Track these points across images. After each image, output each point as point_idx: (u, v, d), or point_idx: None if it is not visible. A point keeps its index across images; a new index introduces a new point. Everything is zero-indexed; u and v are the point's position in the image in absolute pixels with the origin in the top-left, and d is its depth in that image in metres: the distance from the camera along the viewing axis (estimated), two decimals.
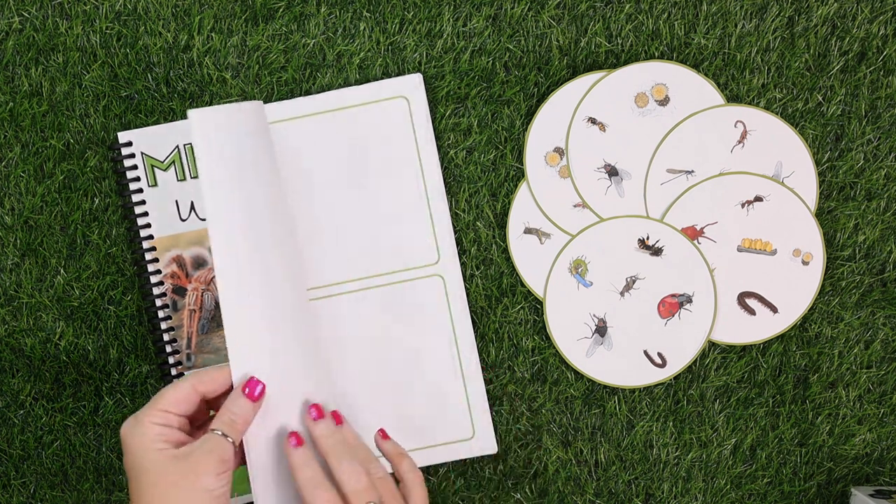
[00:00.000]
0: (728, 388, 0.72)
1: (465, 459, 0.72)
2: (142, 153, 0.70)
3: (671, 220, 0.71)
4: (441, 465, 0.72)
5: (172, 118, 0.71)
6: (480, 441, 0.71)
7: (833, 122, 0.71)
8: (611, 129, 0.71)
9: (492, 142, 0.71)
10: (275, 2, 0.70)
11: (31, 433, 0.71)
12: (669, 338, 0.71)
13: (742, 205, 0.71)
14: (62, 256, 0.71)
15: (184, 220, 0.70)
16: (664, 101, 0.71)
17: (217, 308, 0.70)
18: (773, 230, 0.71)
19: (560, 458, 0.72)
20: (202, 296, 0.70)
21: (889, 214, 0.71)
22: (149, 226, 0.70)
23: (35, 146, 0.71)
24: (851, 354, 0.71)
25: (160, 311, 0.70)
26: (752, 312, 0.71)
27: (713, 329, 0.71)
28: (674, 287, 0.71)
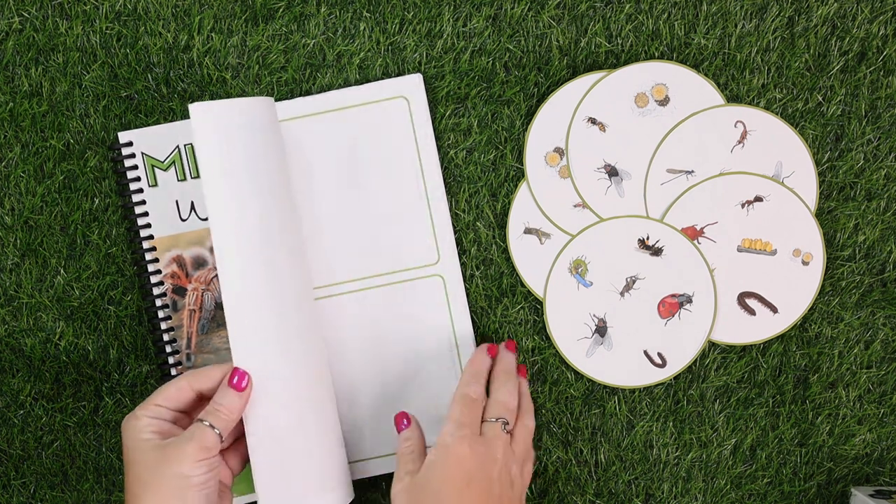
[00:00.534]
0: (728, 388, 0.72)
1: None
2: (142, 153, 0.70)
3: (671, 220, 0.71)
4: None
5: (172, 118, 0.71)
6: None
7: (833, 122, 0.71)
8: (611, 129, 0.71)
9: (492, 142, 0.71)
10: (275, 2, 0.70)
11: (31, 433, 0.71)
12: (669, 338, 0.71)
13: (742, 205, 0.71)
14: (62, 256, 0.71)
15: (184, 220, 0.70)
16: (664, 102, 0.71)
17: (217, 308, 0.70)
18: (773, 230, 0.71)
19: (560, 458, 0.72)
20: (202, 296, 0.70)
21: (889, 214, 0.71)
22: (149, 226, 0.70)
23: (35, 146, 0.71)
24: (851, 354, 0.71)
25: (160, 311, 0.70)
26: (752, 312, 0.71)
27: (713, 329, 0.71)
28: (674, 287, 0.71)
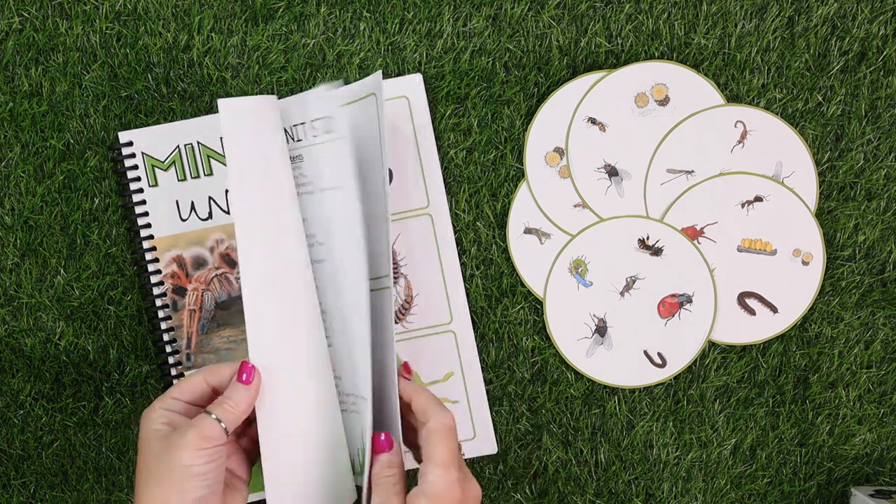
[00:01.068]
0: (728, 388, 0.72)
1: (466, 460, 0.72)
2: (142, 153, 0.70)
3: (671, 220, 0.71)
4: None
5: (172, 118, 0.71)
6: (480, 441, 0.71)
7: (833, 122, 0.71)
8: (611, 129, 0.71)
9: (492, 142, 0.71)
10: (275, 2, 0.70)
11: (31, 433, 0.71)
12: (669, 338, 0.71)
13: (742, 205, 0.71)
14: (62, 256, 0.71)
15: (184, 220, 0.70)
16: (664, 101, 0.71)
17: (217, 308, 0.70)
18: (773, 230, 0.71)
19: (560, 458, 0.72)
20: (202, 296, 0.70)
21: (889, 214, 0.71)
22: (149, 226, 0.70)
23: (35, 146, 0.71)
24: (851, 354, 0.71)
25: (160, 311, 0.70)
26: (752, 312, 0.71)
27: (713, 329, 0.71)
28: (674, 287, 0.71)
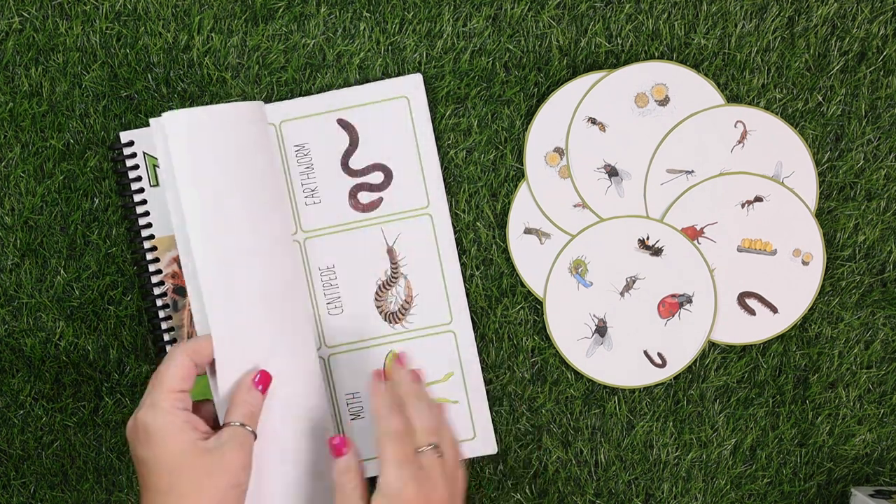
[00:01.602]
0: (728, 388, 0.72)
1: (466, 459, 0.72)
2: (144, 153, 0.70)
3: (671, 220, 0.71)
4: None
5: None
6: (480, 441, 0.71)
7: (833, 122, 0.71)
8: (611, 129, 0.71)
9: (492, 142, 0.71)
10: (275, 2, 0.70)
11: (31, 433, 0.71)
12: (669, 338, 0.71)
13: (742, 205, 0.71)
14: (62, 256, 0.71)
15: None
16: (664, 101, 0.71)
17: None
18: (773, 230, 0.71)
19: (560, 458, 0.72)
20: None
21: (889, 214, 0.71)
22: (149, 226, 0.70)
23: (35, 146, 0.71)
24: (851, 354, 0.71)
25: (160, 311, 0.70)
26: (752, 312, 0.71)
27: (713, 329, 0.71)
28: (674, 287, 0.71)
